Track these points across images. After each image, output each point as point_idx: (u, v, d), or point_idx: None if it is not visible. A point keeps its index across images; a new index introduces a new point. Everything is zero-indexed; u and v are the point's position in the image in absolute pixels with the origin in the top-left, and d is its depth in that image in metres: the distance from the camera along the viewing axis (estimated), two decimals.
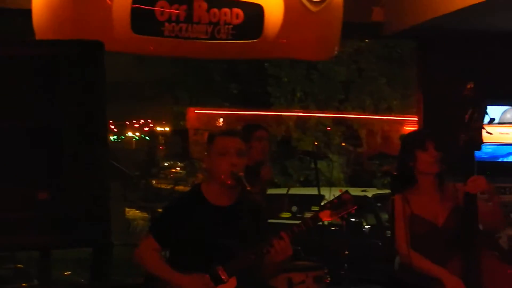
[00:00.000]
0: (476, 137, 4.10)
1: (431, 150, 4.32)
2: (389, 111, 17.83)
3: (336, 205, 3.73)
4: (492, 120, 4.30)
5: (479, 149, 4.13)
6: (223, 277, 3.78)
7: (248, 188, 3.74)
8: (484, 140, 4.12)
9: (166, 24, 5.88)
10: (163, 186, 25.92)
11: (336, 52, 6.45)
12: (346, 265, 5.79)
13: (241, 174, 3.80)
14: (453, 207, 4.29)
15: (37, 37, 5.51)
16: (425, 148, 4.31)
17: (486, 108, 4.18)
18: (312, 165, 6.35)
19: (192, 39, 5.95)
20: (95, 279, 7.21)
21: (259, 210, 4.02)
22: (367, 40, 15.78)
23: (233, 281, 3.79)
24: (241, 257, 3.76)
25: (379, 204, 12.59)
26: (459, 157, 4.15)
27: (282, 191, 14.45)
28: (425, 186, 4.36)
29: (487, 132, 4.22)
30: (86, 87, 3.35)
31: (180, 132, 17.83)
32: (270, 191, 6.70)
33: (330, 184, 10.23)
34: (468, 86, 4.14)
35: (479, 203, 4.21)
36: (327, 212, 3.71)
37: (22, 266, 9.93)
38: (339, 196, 3.73)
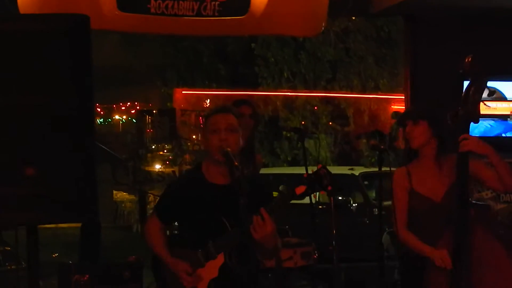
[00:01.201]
0: (473, 110, 4.11)
1: (408, 127, 4.38)
2: (376, 90, 17.86)
3: (312, 180, 3.70)
4: (492, 93, 4.29)
5: (476, 121, 4.15)
6: (212, 254, 3.83)
7: (236, 164, 3.72)
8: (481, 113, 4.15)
9: (152, 1, 5.81)
10: (151, 169, 25.92)
11: (323, 28, 6.42)
12: (334, 242, 5.81)
13: (229, 149, 3.78)
14: (452, 183, 4.29)
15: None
16: (404, 126, 4.41)
17: (486, 81, 4.17)
18: (300, 145, 6.36)
19: (179, 16, 5.89)
20: (83, 259, 7.23)
21: (260, 184, 4.02)
22: (354, 18, 15.75)
23: (220, 258, 3.83)
24: (229, 233, 3.78)
25: (366, 183, 12.64)
26: (449, 132, 4.17)
27: (270, 171, 14.49)
28: (424, 160, 4.41)
29: (485, 105, 4.23)
30: (72, 63, 3.31)
31: (167, 114, 17.80)
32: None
33: (318, 162, 10.17)
34: (467, 60, 4.14)
35: (484, 169, 4.27)
36: (303, 187, 3.69)
37: (9, 248, 9.90)
38: (315, 172, 3.71)
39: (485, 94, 4.18)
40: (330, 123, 18.79)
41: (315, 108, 18.06)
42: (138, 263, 5.87)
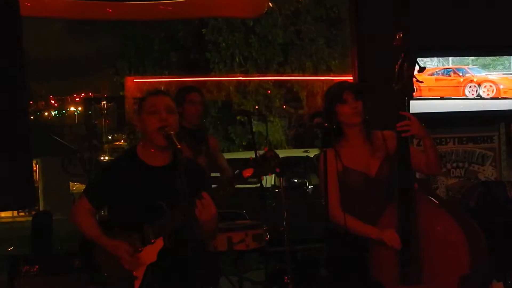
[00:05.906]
0: (408, 84, 4.14)
1: (350, 102, 4.31)
2: (328, 71, 17.91)
3: (259, 163, 3.68)
4: (422, 69, 4.33)
5: (411, 96, 4.19)
6: (150, 238, 3.78)
7: (179, 147, 3.70)
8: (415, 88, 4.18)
9: None
10: (107, 158, 25.87)
11: (266, 9, 6.41)
12: (285, 223, 5.81)
13: (172, 132, 3.76)
14: (384, 156, 4.32)
15: None
16: (343, 101, 4.30)
17: (416, 57, 4.22)
18: (254, 129, 6.34)
19: (122, 1, 5.86)
20: (35, 250, 7.15)
21: (197, 170, 4.00)
22: (301, 1, 15.78)
23: (159, 242, 3.78)
24: (168, 217, 3.74)
25: None
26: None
27: (225, 156, 14.48)
28: (353, 137, 4.37)
29: (418, 81, 4.26)
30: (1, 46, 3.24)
31: (115, 101, 17.70)
32: None
33: (270, 145, 10.17)
34: (397, 36, 4.17)
35: (412, 149, 4.23)
36: (250, 170, 3.67)
37: None
38: (262, 154, 3.70)
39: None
40: (284, 106, 18.84)
41: (268, 92, 18.07)
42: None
